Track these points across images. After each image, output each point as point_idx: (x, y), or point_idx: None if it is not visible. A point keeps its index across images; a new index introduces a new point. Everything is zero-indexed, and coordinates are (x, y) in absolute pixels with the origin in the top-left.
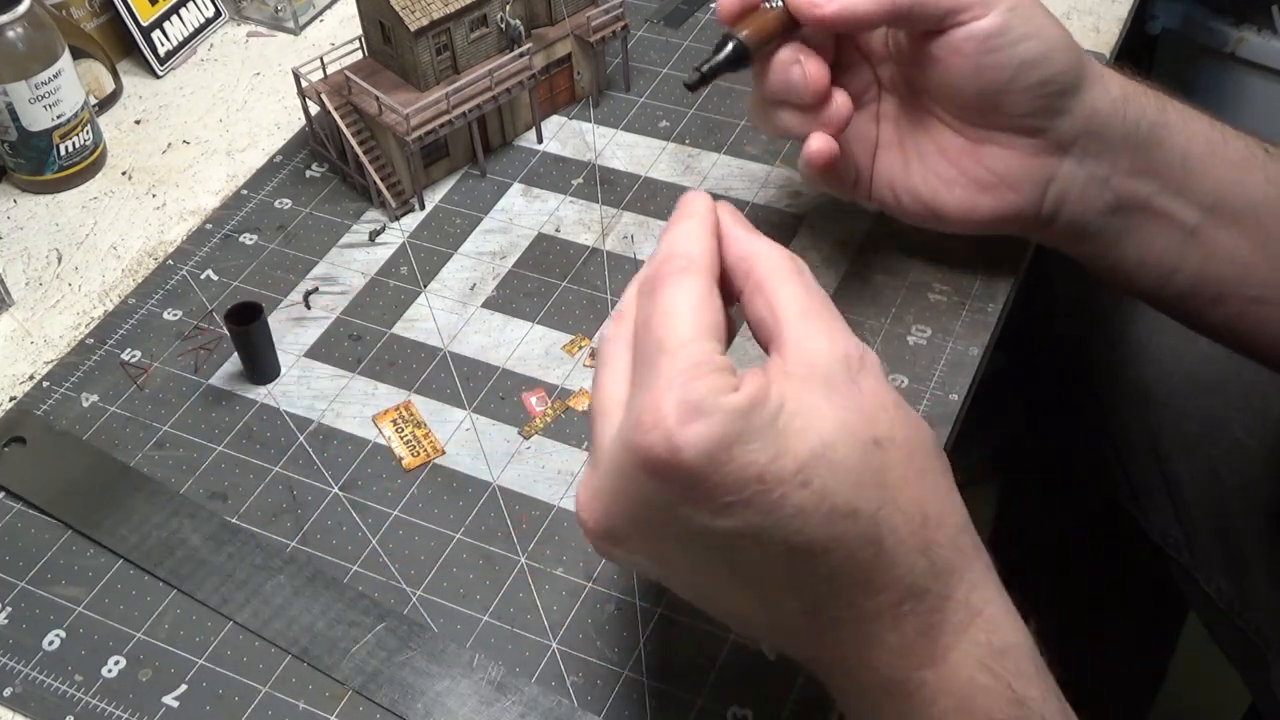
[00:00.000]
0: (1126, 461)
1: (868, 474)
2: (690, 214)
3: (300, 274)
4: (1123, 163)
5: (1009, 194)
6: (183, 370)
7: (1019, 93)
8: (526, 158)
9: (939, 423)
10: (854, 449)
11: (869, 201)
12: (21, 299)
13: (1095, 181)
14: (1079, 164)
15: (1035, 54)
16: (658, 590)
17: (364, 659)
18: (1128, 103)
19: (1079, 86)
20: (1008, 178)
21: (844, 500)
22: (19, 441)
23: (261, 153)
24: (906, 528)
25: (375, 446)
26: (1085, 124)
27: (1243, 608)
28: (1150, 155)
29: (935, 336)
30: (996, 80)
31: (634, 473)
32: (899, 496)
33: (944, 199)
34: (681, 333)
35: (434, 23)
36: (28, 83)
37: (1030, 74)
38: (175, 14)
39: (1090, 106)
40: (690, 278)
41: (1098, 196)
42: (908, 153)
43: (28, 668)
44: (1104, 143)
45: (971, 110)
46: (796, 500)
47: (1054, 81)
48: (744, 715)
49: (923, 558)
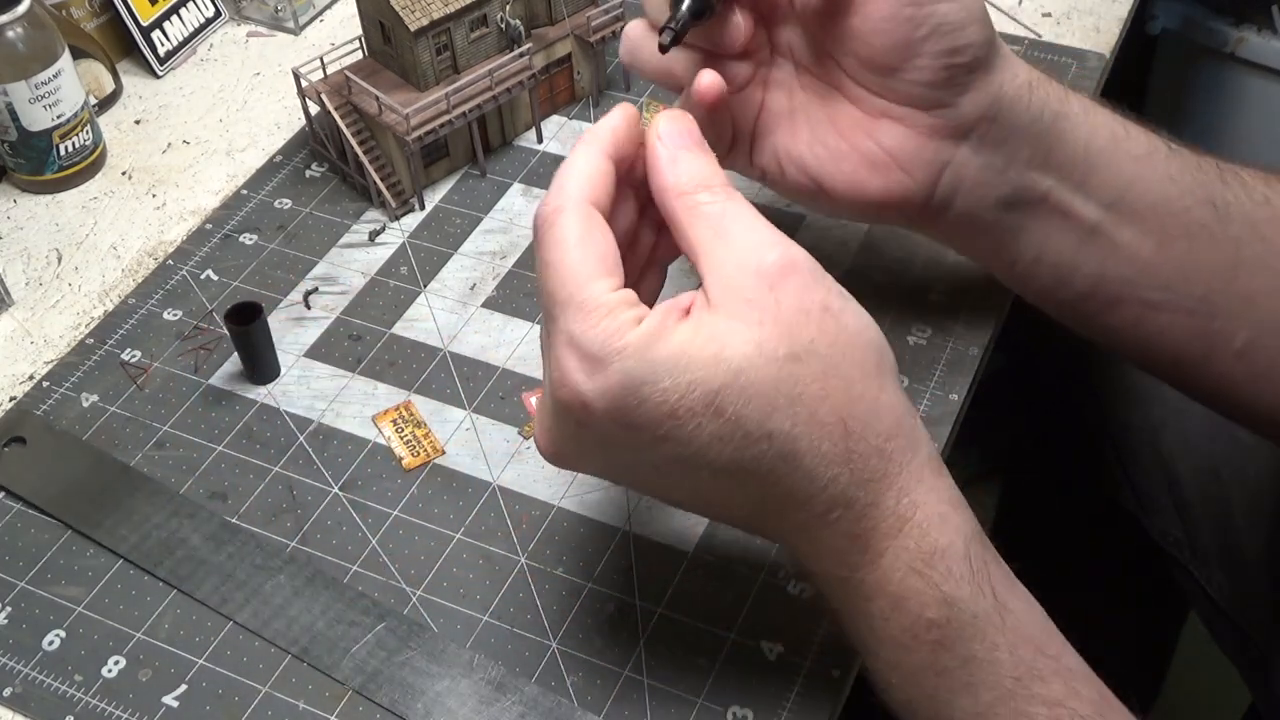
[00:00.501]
0: (1127, 461)
1: (781, 394)
2: (582, 141)
3: (300, 274)
4: (1023, 153)
5: (900, 175)
6: (183, 370)
7: (928, 56)
8: (526, 158)
9: (939, 423)
10: (767, 369)
11: (749, 169)
12: (21, 299)
13: (992, 170)
14: (976, 151)
15: (954, 18)
16: (658, 590)
17: (364, 659)
18: (1033, 90)
19: (988, 65)
20: (900, 157)
21: (757, 424)
22: (19, 441)
23: (261, 153)
24: (826, 441)
25: (375, 446)
26: (988, 107)
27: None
28: (1051, 147)
29: (935, 336)
30: (910, 36)
31: (563, 417)
32: (817, 411)
33: (831, 174)
34: (569, 277)
35: (434, 23)
36: (28, 83)
37: (944, 39)
38: (175, 14)
39: (996, 88)
40: (563, 218)
41: (994, 187)
42: (797, 121)
43: (28, 668)
44: (1005, 130)
45: (875, 69)
46: (711, 429)
47: (965, 52)
48: (744, 715)
49: (845, 469)
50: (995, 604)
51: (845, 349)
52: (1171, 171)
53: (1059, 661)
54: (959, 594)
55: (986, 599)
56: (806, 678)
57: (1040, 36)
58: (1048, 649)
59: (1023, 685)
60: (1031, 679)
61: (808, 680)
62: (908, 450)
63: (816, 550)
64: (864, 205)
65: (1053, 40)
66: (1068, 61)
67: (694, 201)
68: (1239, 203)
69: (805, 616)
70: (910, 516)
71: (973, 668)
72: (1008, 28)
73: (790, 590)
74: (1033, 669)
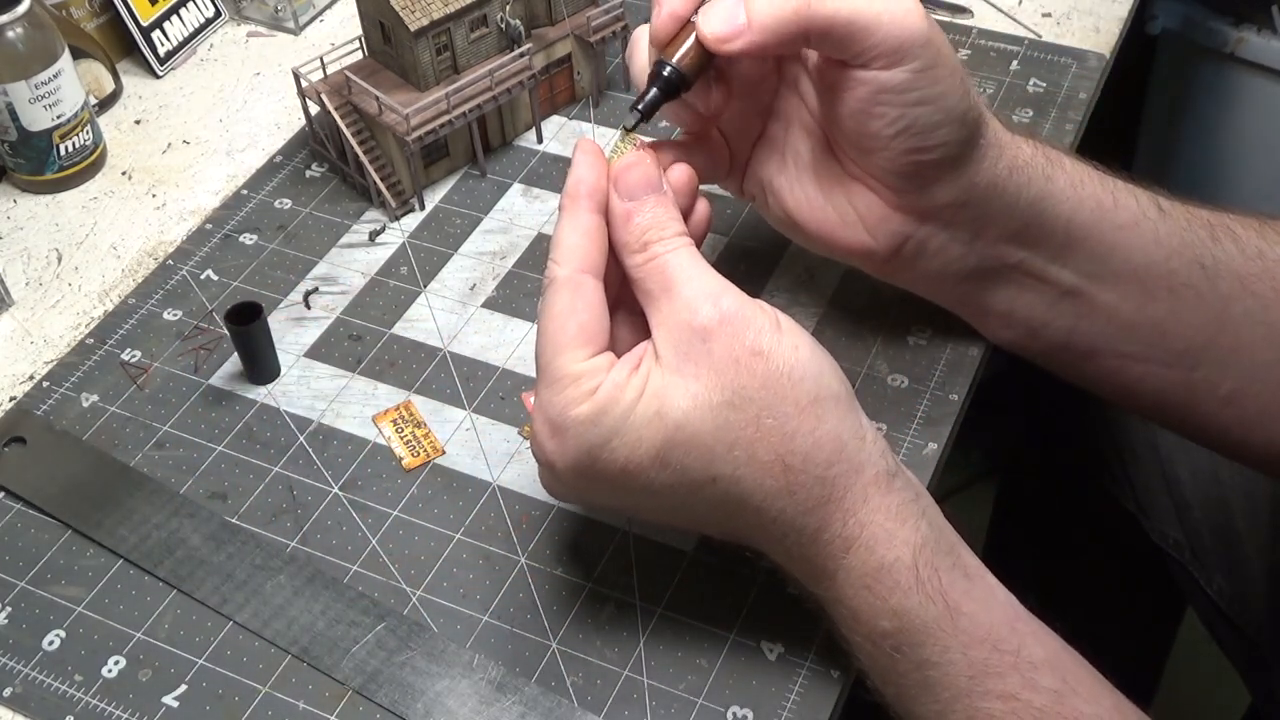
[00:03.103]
0: (1127, 461)
1: (720, 441)
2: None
3: (300, 274)
4: (991, 231)
5: (864, 236)
6: (183, 370)
7: (894, 151)
8: (526, 158)
9: (939, 423)
10: (704, 419)
11: (740, 195)
12: (21, 299)
13: (959, 244)
14: (942, 228)
15: (924, 121)
16: (658, 590)
17: (364, 659)
18: (1012, 176)
19: (961, 162)
20: (866, 220)
21: (701, 471)
22: (19, 441)
23: (261, 153)
24: (769, 479)
25: (375, 446)
26: (958, 196)
27: (1242, 608)
28: (1028, 225)
29: (935, 337)
30: (876, 132)
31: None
32: (755, 452)
33: (805, 218)
34: (546, 349)
35: (434, 23)
36: (28, 83)
37: (911, 139)
38: (175, 14)
39: (968, 181)
40: (552, 291)
41: (960, 258)
42: (787, 160)
43: (28, 668)
44: (975, 214)
45: (848, 146)
46: (663, 479)
47: (932, 152)
48: (744, 715)
49: (789, 500)
50: (945, 609)
51: (776, 389)
52: (1160, 235)
53: (1017, 656)
54: (907, 604)
55: (936, 606)
56: (806, 678)
57: (1040, 36)
58: (1004, 645)
59: (977, 683)
60: (985, 676)
61: (808, 680)
62: (850, 474)
63: (786, 565)
64: (831, 252)
65: (1053, 40)
66: (1068, 61)
67: (643, 259)
68: (1229, 259)
69: (805, 617)
70: (857, 536)
71: (927, 670)
72: (1008, 28)
73: (790, 590)
74: (986, 666)
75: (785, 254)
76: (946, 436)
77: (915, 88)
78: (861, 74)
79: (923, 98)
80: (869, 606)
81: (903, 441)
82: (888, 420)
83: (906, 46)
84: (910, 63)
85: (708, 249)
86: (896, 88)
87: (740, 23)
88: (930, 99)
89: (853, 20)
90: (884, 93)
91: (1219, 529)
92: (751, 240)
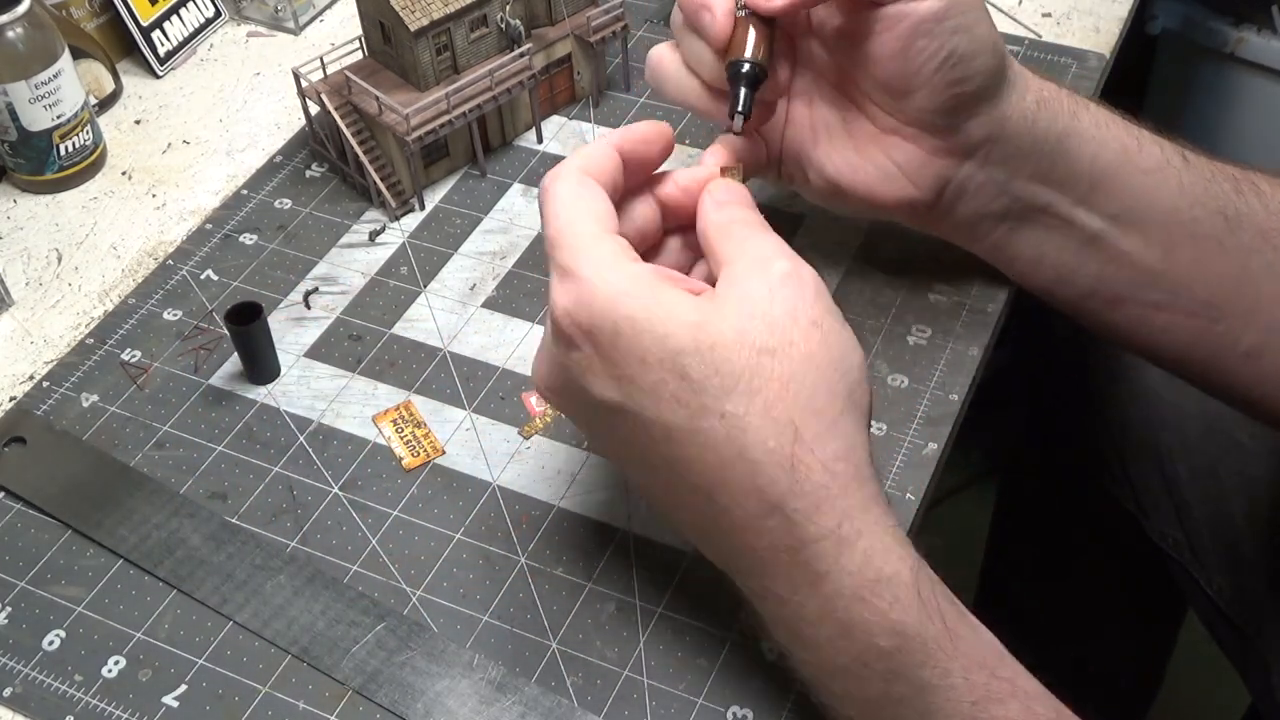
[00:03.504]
0: (1127, 461)
1: (744, 380)
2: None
3: (300, 274)
4: (1025, 169)
5: (907, 186)
6: (183, 370)
7: (936, 86)
8: (526, 158)
9: (939, 423)
10: (740, 354)
11: (777, 180)
12: (21, 299)
13: (994, 184)
14: (979, 167)
15: (963, 50)
16: (658, 590)
17: (364, 659)
18: (1040, 110)
19: (995, 93)
20: (907, 170)
21: (714, 398)
22: (19, 441)
23: (261, 153)
24: (775, 439)
25: (375, 446)
26: (992, 130)
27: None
28: (1055, 165)
29: (935, 336)
30: (918, 66)
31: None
32: (773, 406)
33: (848, 180)
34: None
35: (434, 23)
36: (28, 83)
37: (952, 69)
38: (175, 14)
39: (1001, 114)
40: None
41: (995, 199)
42: (817, 131)
43: (28, 668)
44: (1008, 149)
45: (885, 91)
46: (673, 388)
47: (971, 81)
48: (744, 715)
49: (786, 474)
50: (945, 630)
51: (820, 364)
52: (1183, 184)
53: (1014, 684)
54: (907, 620)
55: (936, 625)
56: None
57: (1040, 36)
58: (1000, 672)
59: (980, 709)
60: (988, 702)
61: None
62: (854, 479)
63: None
64: (875, 210)
65: (1053, 40)
66: (1068, 61)
67: (727, 220)
68: (1252, 213)
69: None
70: (853, 542)
71: (928, 694)
72: (1008, 28)
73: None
74: (988, 692)
75: None
76: (946, 436)
77: (951, 15)
78: (897, 8)
79: (959, 25)
80: (864, 622)
81: (903, 441)
82: (888, 420)
83: None
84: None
85: None
86: (935, 15)
87: None
88: (966, 26)
89: None
90: (924, 23)
91: (1218, 529)
92: None
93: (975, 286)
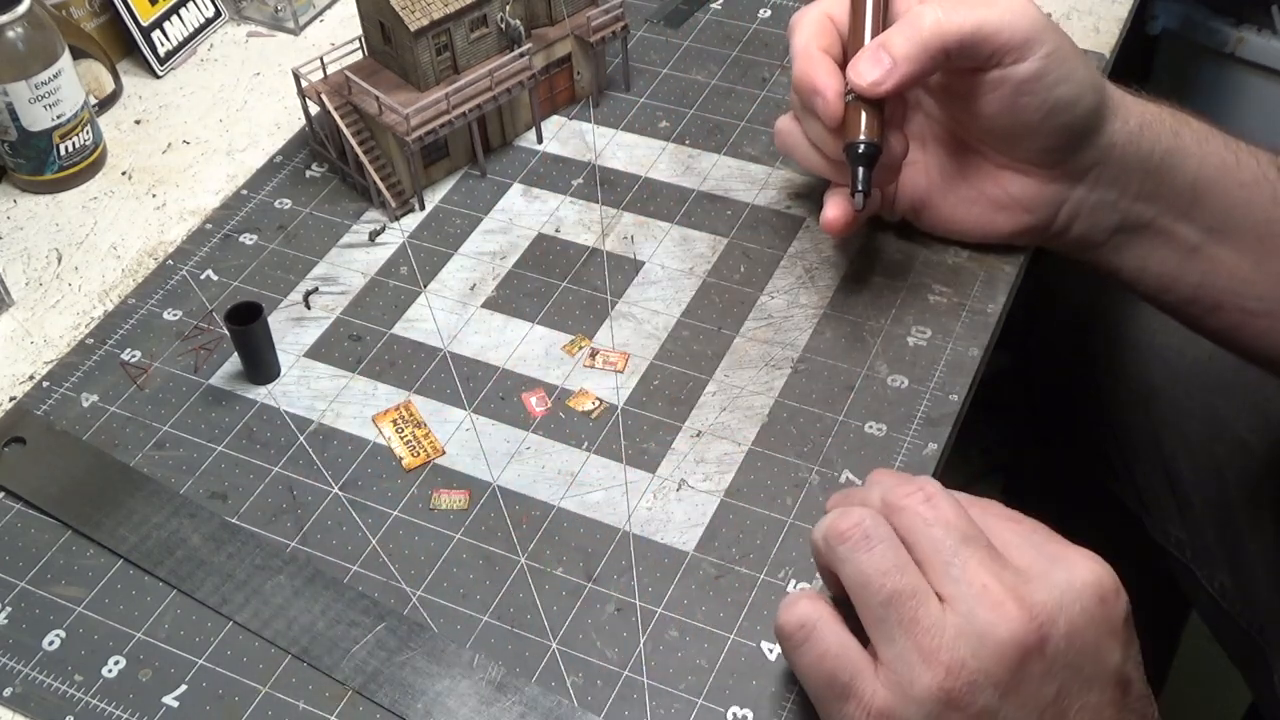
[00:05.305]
0: (1129, 460)
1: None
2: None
3: (300, 274)
4: (1132, 188)
5: (1024, 214)
6: (183, 370)
7: (1043, 132)
8: (526, 158)
9: (939, 423)
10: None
11: (891, 215)
12: (21, 299)
13: (1105, 205)
14: (1091, 189)
15: (1066, 99)
16: (658, 590)
17: (364, 659)
18: (1144, 132)
19: (1100, 124)
20: (1023, 200)
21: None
22: (19, 441)
23: (261, 153)
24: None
25: (375, 446)
26: (1101, 156)
27: (1245, 607)
28: (1160, 181)
29: (935, 337)
30: (1026, 121)
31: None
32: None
33: (963, 216)
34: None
35: (434, 23)
36: (28, 83)
37: (1058, 117)
38: (175, 14)
39: (1108, 141)
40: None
41: (1106, 217)
42: (931, 173)
43: (28, 668)
44: (1116, 170)
45: (997, 141)
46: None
47: (1079, 123)
48: (744, 715)
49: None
50: None
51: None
52: (1277, 195)
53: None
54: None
55: None
56: None
57: None
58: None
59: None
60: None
61: None
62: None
63: None
64: (993, 239)
65: None
66: None
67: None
68: None
69: None
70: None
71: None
72: None
73: (791, 591)
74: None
75: (785, 254)
76: (946, 436)
77: (1049, 71)
78: (998, 74)
79: (1059, 78)
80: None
81: (903, 442)
82: (888, 421)
83: (1032, 38)
84: (1038, 50)
85: (707, 249)
86: (1035, 75)
87: (887, 64)
88: (1065, 77)
89: (979, 28)
90: (1025, 83)
91: (1220, 527)
92: (751, 240)
93: (975, 287)
